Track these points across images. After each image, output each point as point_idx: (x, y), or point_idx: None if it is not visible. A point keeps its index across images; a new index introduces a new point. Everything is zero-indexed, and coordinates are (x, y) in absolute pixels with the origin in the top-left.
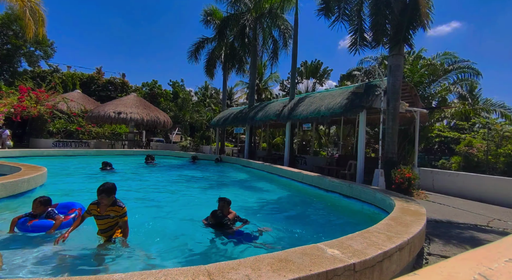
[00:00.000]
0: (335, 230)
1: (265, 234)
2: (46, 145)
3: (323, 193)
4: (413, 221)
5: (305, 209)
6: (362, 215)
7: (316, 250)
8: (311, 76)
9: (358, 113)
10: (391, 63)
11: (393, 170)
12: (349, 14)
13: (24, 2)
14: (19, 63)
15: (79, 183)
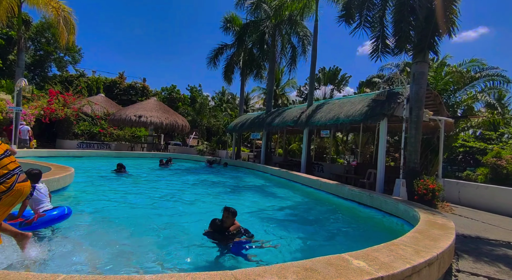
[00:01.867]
0: (356, 240)
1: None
2: (71, 146)
3: (342, 202)
4: (442, 235)
5: (324, 217)
6: (383, 225)
7: (341, 261)
8: (329, 83)
9: (379, 121)
10: (414, 71)
11: (416, 180)
12: (371, 20)
13: (58, 12)
14: (49, 68)
15: (97, 186)
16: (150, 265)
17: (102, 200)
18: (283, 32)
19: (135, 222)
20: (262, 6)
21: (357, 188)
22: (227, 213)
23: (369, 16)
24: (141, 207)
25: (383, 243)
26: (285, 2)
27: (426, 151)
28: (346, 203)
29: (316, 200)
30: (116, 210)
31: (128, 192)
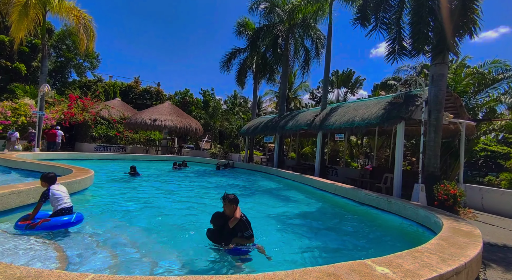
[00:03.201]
0: (375, 245)
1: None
2: (89, 149)
3: (358, 206)
4: (468, 243)
5: (340, 221)
6: (402, 231)
7: (364, 267)
8: (343, 86)
9: (396, 124)
10: (433, 73)
11: (436, 185)
12: (387, 22)
13: (79, 20)
14: (70, 74)
15: (114, 189)
16: (166, 264)
17: (120, 201)
18: (296, 35)
19: (150, 223)
20: (275, 10)
21: (374, 192)
22: (224, 201)
23: (386, 18)
24: (155, 208)
25: (406, 250)
26: (299, 5)
27: (446, 155)
28: (363, 207)
29: (332, 204)
30: (133, 212)
31: (142, 194)
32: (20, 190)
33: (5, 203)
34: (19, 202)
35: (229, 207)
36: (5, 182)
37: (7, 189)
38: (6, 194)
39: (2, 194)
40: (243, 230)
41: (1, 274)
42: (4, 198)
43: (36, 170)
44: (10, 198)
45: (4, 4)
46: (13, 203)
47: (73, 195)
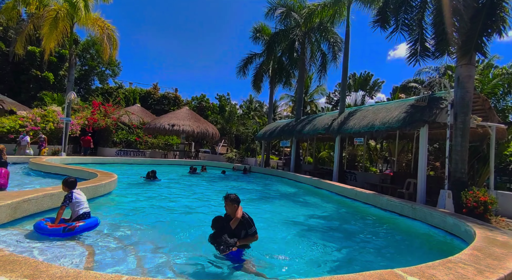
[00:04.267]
0: (401, 254)
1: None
2: (110, 153)
3: (380, 213)
4: (506, 254)
5: (362, 228)
6: (429, 240)
7: (395, 277)
8: (360, 89)
9: (419, 128)
10: (459, 74)
11: (464, 191)
12: (409, 24)
13: (103, 30)
14: (93, 81)
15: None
16: (190, 268)
17: (142, 204)
18: (312, 39)
19: (173, 225)
20: (291, 15)
21: (396, 198)
22: (226, 201)
23: (407, 19)
24: (175, 212)
25: (438, 260)
26: (315, 9)
27: (473, 159)
28: (385, 214)
29: (352, 210)
30: (155, 214)
31: (163, 197)
32: (52, 193)
33: (39, 205)
34: (51, 204)
35: (231, 207)
36: (37, 185)
37: (41, 192)
38: (40, 196)
39: (37, 196)
40: (247, 228)
41: (44, 273)
42: (38, 200)
43: (64, 173)
44: (44, 200)
45: (37, 18)
46: (45, 205)
47: (99, 198)
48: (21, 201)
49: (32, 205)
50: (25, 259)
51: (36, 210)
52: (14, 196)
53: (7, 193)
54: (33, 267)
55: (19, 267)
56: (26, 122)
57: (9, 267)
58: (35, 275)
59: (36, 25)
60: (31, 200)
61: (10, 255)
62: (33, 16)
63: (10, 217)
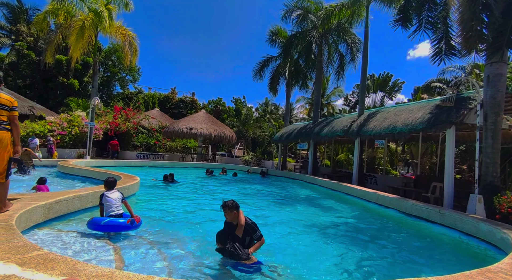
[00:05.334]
0: (430, 261)
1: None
2: (131, 156)
3: (405, 217)
4: None
5: (387, 233)
6: (460, 247)
7: None
8: (379, 90)
9: (445, 129)
10: (489, 72)
11: (496, 196)
12: (433, 21)
13: (125, 37)
14: (114, 87)
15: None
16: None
17: (165, 206)
18: (330, 41)
19: (194, 227)
20: (308, 17)
21: (422, 202)
22: (225, 210)
23: (431, 17)
24: (198, 213)
25: (475, 269)
26: (333, 10)
27: (504, 162)
28: (410, 219)
29: (375, 215)
30: (177, 216)
31: (184, 199)
32: (81, 195)
33: (69, 206)
34: (80, 205)
35: (231, 214)
36: (65, 188)
37: (71, 193)
38: (71, 198)
39: (67, 198)
40: (251, 234)
41: (81, 272)
42: (69, 202)
43: (90, 176)
44: (74, 202)
45: (65, 28)
46: (75, 206)
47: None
48: (53, 202)
49: (63, 206)
50: (63, 258)
51: (66, 211)
52: (48, 197)
53: (42, 194)
54: (71, 266)
55: (58, 265)
56: (54, 127)
57: (50, 265)
58: (73, 273)
59: (64, 35)
60: (62, 201)
61: (49, 253)
62: (61, 27)
63: (44, 217)
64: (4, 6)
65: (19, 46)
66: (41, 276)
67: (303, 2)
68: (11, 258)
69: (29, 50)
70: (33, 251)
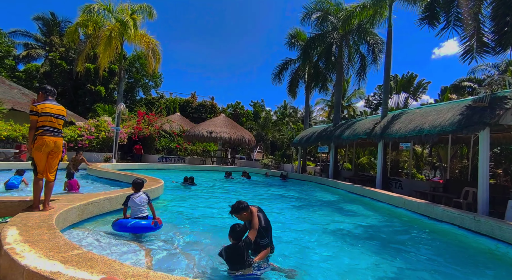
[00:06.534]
0: (467, 272)
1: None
2: (154, 160)
3: (435, 224)
4: None
5: (416, 240)
6: (500, 257)
7: None
8: (403, 91)
9: (478, 131)
10: None
11: None
12: (463, 18)
13: (148, 45)
14: (138, 93)
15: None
16: None
17: (189, 209)
18: (350, 42)
19: (219, 229)
20: (328, 18)
21: (454, 208)
22: (235, 215)
23: (460, 13)
24: (221, 216)
25: None
26: (354, 11)
27: None
28: (441, 225)
29: (402, 220)
30: (201, 217)
31: (206, 201)
32: (111, 197)
33: (100, 208)
34: (110, 207)
35: (242, 216)
36: (95, 190)
37: (102, 195)
38: (102, 200)
39: (99, 199)
40: (258, 237)
41: (118, 271)
42: (100, 203)
43: (116, 179)
44: (104, 203)
45: (94, 38)
46: (106, 207)
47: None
48: (86, 204)
49: (95, 207)
50: (101, 257)
51: (98, 212)
52: (82, 198)
53: (76, 196)
54: (108, 265)
55: (97, 264)
56: (83, 132)
57: (89, 263)
58: (111, 272)
59: (93, 44)
60: (94, 202)
61: (88, 252)
62: (90, 37)
63: (79, 217)
64: (40, 20)
65: (52, 57)
66: (83, 274)
67: (322, 4)
68: (54, 256)
69: (61, 60)
70: (73, 250)
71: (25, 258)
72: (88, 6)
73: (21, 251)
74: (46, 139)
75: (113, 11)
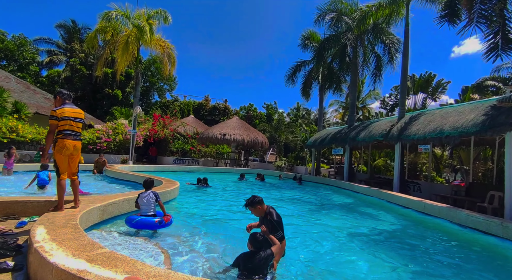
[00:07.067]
0: None
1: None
2: (168, 162)
3: (458, 229)
4: None
5: (438, 247)
6: None
7: None
8: (420, 91)
9: (504, 132)
10: None
11: None
12: (486, 15)
13: (164, 49)
14: (153, 96)
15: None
16: None
17: (204, 210)
18: (365, 42)
19: (232, 230)
20: (342, 19)
21: (479, 213)
22: (248, 208)
23: (484, 10)
24: (237, 218)
25: None
26: (369, 11)
27: None
28: (464, 231)
29: (423, 225)
30: (219, 220)
31: (222, 202)
32: (129, 198)
33: (120, 208)
34: (128, 208)
35: (256, 211)
36: (114, 191)
37: (121, 196)
38: (121, 200)
39: (118, 200)
40: (273, 232)
41: (141, 271)
42: (119, 204)
43: (134, 180)
44: (123, 204)
45: (112, 43)
46: (124, 208)
47: (165, 204)
48: (107, 204)
49: (114, 208)
50: (123, 257)
51: (117, 212)
52: (102, 199)
53: (97, 197)
54: (131, 265)
55: (120, 263)
56: (101, 135)
57: (113, 263)
58: (134, 272)
59: (111, 50)
60: (114, 203)
61: (111, 252)
62: (109, 43)
63: (99, 218)
64: (62, 27)
65: (72, 62)
66: (108, 273)
67: (336, 5)
68: (80, 254)
69: (81, 65)
70: (97, 249)
71: (53, 256)
72: (107, 13)
73: (49, 249)
74: (66, 142)
75: (130, 17)
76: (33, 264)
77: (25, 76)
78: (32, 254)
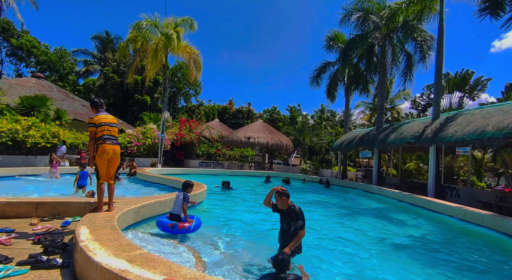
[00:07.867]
0: None
1: None
2: (194, 165)
3: (506, 239)
4: None
5: (480, 258)
6: None
7: None
8: (456, 90)
9: None
10: None
11: None
12: None
13: (190, 55)
14: (179, 101)
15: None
16: None
17: (232, 214)
18: (394, 41)
19: (261, 233)
20: (369, 18)
21: None
22: (275, 194)
23: None
24: (264, 220)
25: None
26: (399, 8)
27: None
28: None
29: (464, 234)
30: (244, 221)
31: (248, 205)
32: (161, 200)
33: (152, 210)
34: (160, 210)
35: (281, 200)
36: (146, 193)
37: (153, 199)
38: (153, 203)
39: (150, 203)
40: (294, 221)
41: (177, 273)
42: (152, 206)
43: (163, 183)
44: (155, 206)
45: (142, 52)
46: (156, 210)
47: (194, 206)
48: (140, 207)
49: (147, 210)
50: (160, 258)
51: (150, 214)
52: (136, 202)
53: (131, 199)
54: (168, 266)
55: (158, 265)
56: (132, 139)
57: (151, 264)
58: (171, 273)
59: (141, 58)
60: (147, 206)
61: (148, 253)
62: (139, 51)
63: (134, 219)
64: (97, 39)
65: (106, 71)
66: (147, 273)
67: (362, 4)
68: (121, 254)
69: (113, 73)
70: (135, 250)
71: (97, 255)
72: (138, 23)
73: (93, 248)
74: (106, 147)
75: (159, 26)
76: (79, 262)
77: (64, 85)
78: (78, 252)
